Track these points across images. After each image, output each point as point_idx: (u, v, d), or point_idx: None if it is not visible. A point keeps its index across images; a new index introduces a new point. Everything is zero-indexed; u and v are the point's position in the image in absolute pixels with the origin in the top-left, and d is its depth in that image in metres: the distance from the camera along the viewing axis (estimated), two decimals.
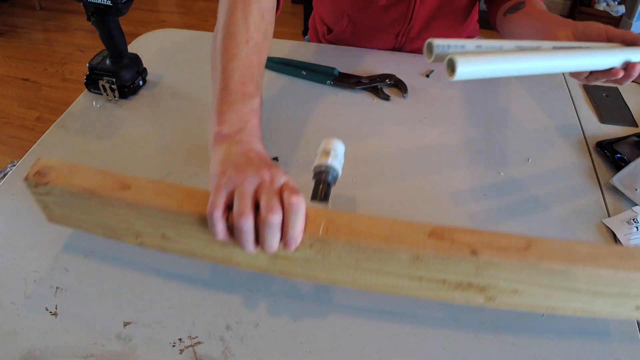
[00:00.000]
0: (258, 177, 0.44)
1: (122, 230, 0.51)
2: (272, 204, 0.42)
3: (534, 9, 0.79)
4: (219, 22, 0.60)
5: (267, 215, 0.41)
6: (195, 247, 0.49)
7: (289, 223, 0.43)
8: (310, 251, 0.46)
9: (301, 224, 0.44)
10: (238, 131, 0.50)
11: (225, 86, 0.54)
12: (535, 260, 0.42)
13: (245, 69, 0.55)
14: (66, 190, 0.48)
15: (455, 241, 0.44)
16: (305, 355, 0.50)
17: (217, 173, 0.46)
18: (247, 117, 0.52)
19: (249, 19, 0.58)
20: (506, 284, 0.45)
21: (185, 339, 0.51)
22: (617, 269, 0.42)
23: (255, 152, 0.48)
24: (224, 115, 0.52)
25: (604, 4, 2.54)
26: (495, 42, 0.56)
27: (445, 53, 0.53)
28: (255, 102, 0.54)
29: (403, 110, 0.82)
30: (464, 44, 0.55)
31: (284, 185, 0.44)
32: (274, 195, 0.43)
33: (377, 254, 0.44)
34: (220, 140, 0.50)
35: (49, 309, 0.53)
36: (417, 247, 0.43)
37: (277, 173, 0.45)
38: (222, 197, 0.43)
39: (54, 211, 0.53)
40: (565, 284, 0.44)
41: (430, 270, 0.45)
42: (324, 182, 0.54)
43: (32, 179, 0.49)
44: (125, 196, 0.47)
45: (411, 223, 0.45)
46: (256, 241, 0.44)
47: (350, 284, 0.49)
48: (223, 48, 0.57)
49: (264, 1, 0.61)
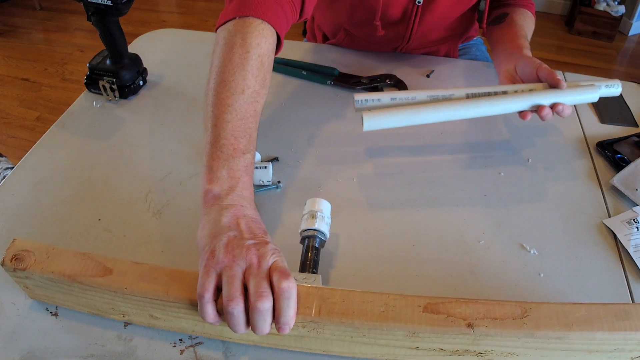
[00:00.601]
0: (246, 260, 0.43)
1: (107, 310, 0.50)
2: (260, 290, 0.41)
3: (510, 27, 0.84)
4: (213, 65, 0.56)
5: (257, 303, 0.40)
6: (184, 325, 0.49)
7: (281, 309, 0.41)
8: (304, 330, 0.45)
9: (293, 309, 0.42)
10: (229, 191, 0.49)
11: (217, 140, 0.51)
12: (532, 329, 0.43)
13: (239, 122, 0.53)
14: (45, 277, 0.47)
15: (451, 315, 0.44)
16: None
17: (207, 252, 0.44)
18: (238, 174, 0.51)
19: (247, 66, 0.54)
20: (503, 349, 0.45)
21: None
22: (613, 332, 0.42)
23: (245, 221, 0.47)
24: (214, 173, 0.50)
25: (604, 4, 2.54)
26: (409, 94, 0.66)
27: (363, 107, 0.66)
28: (247, 158, 0.52)
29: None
30: (380, 97, 0.66)
31: (273, 267, 0.43)
32: (262, 280, 0.42)
33: (372, 332, 0.44)
34: (210, 202, 0.49)
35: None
36: (412, 323, 0.43)
37: (265, 253, 0.44)
38: (211, 279, 0.42)
39: (34, 290, 0.51)
40: (562, 346, 0.44)
41: (427, 342, 0.45)
42: (312, 249, 0.55)
43: (9, 264, 0.47)
44: (108, 282, 0.46)
45: (405, 296, 0.45)
46: (247, 323, 0.43)
47: (345, 354, 0.49)
48: (216, 97, 0.54)
49: (264, 45, 0.57)
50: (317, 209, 0.57)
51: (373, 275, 0.58)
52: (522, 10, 0.88)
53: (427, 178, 0.70)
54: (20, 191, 0.66)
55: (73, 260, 0.48)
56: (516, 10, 0.88)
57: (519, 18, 0.86)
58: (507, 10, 0.89)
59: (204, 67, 0.59)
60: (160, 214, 0.64)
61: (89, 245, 0.60)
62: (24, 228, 0.62)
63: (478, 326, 0.43)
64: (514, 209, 0.66)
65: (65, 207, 0.64)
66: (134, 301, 0.47)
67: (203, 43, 0.99)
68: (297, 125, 0.78)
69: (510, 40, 0.81)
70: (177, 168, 0.71)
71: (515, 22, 0.85)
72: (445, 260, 0.60)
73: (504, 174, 0.71)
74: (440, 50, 0.98)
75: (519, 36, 0.82)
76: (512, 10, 0.88)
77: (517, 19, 0.86)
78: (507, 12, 0.87)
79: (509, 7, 0.90)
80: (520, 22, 0.85)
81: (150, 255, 0.59)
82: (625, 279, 0.58)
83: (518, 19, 0.86)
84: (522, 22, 0.85)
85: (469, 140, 0.76)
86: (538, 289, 0.57)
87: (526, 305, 0.44)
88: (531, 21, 0.89)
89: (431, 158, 0.74)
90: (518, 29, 0.83)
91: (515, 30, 0.84)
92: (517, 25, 0.84)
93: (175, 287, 0.46)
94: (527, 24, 0.86)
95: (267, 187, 0.67)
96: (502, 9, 0.89)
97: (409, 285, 0.57)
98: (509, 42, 0.81)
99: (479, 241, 0.62)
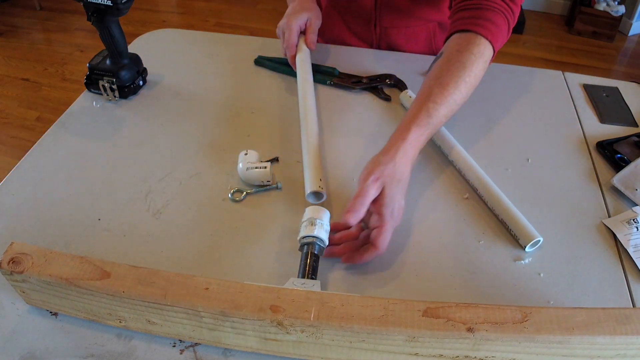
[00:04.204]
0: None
1: (104, 315, 0.50)
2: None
3: (428, 78, 0.68)
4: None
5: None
6: (182, 330, 0.49)
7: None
8: (302, 335, 0.45)
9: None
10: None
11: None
12: (532, 333, 0.42)
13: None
14: (43, 280, 0.47)
15: (451, 319, 0.43)
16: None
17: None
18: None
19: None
20: (503, 354, 0.45)
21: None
22: (614, 335, 0.42)
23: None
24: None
25: (604, 4, 2.54)
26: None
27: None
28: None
29: (403, 110, 0.82)
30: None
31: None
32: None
33: (372, 336, 0.44)
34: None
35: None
36: (412, 328, 0.43)
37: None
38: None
39: (31, 295, 0.51)
40: (563, 351, 0.44)
41: (427, 347, 0.45)
42: (311, 256, 0.55)
43: (6, 267, 0.47)
44: (105, 286, 0.46)
45: (404, 300, 0.45)
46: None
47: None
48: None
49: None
50: (317, 217, 0.57)
51: (373, 276, 0.58)
52: (469, 39, 0.67)
53: (426, 178, 0.70)
54: (20, 191, 0.67)
55: (71, 263, 0.48)
56: (464, 39, 0.68)
57: (442, 66, 0.67)
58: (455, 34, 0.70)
59: (204, 67, 0.59)
60: (160, 214, 0.64)
61: (88, 245, 0.60)
62: (23, 228, 0.62)
63: (478, 330, 0.43)
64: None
65: (65, 207, 0.65)
66: (132, 305, 0.47)
67: (203, 43, 0.99)
68: (297, 125, 0.78)
69: (415, 102, 0.66)
70: (177, 168, 0.71)
71: (435, 69, 0.67)
72: (445, 260, 0.60)
73: (510, 170, 0.71)
74: (420, 32, 0.98)
75: (414, 110, 0.64)
76: (458, 39, 0.69)
77: (440, 66, 0.67)
78: (442, 52, 0.69)
79: (461, 23, 0.69)
80: (440, 73, 0.66)
81: (150, 255, 0.59)
82: (625, 279, 0.58)
83: (441, 67, 0.67)
84: (445, 71, 0.66)
85: (469, 140, 0.76)
86: (538, 289, 0.57)
87: (527, 309, 0.44)
88: (476, 60, 0.66)
89: (431, 158, 0.74)
90: (426, 89, 0.66)
91: (432, 75, 0.67)
92: (430, 81, 0.66)
93: (173, 291, 0.46)
94: (458, 69, 0.65)
95: (267, 187, 0.68)
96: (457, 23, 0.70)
97: (409, 285, 0.57)
98: (411, 106, 0.66)
99: (479, 241, 0.62)
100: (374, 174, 0.59)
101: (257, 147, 0.73)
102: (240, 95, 0.85)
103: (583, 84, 0.90)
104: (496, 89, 0.88)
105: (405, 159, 0.61)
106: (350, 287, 0.57)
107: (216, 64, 0.93)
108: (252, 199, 0.67)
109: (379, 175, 0.59)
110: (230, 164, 0.70)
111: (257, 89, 0.87)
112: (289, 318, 0.44)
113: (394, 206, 0.59)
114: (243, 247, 0.60)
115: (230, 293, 0.46)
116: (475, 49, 0.67)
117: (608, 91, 0.88)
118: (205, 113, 0.81)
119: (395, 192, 0.59)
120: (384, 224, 0.58)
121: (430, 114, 0.63)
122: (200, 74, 0.90)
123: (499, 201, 0.64)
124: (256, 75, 0.91)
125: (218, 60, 0.94)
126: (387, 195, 0.58)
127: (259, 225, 0.63)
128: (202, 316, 0.45)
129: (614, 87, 0.89)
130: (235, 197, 0.66)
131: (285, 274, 0.57)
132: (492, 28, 0.68)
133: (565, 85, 0.90)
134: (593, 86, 0.89)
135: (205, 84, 0.88)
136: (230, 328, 0.46)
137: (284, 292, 0.46)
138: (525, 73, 0.92)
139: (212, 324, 0.46)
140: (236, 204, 0.66)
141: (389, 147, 0.62)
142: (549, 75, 0.92)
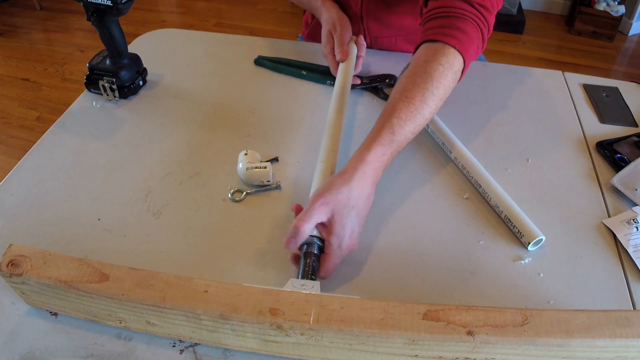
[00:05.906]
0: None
1: (104, 316, 0.50)
2: None
3: (394, 91, 0.64)
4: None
5: None
6: (182, 331, 0.49)
7: None
8: (302, 337, 0.45)
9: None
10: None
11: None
12: (532, 336, 0.42)
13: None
14: (42, 282, 0.47)
15: (451, 322, 0.43)
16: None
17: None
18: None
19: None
20: (503, 357, 0.45)
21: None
22: (614, 338, 0.42)
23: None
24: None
25: (604, 4, 2.54)
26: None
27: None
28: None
29: None
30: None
31: None
32: None
33: (371, 339, 0.44)
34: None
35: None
36: (412, 331, 0.43)
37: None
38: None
39: (31, 296, 0.51)
40: (563, 354, 0.44)
41: (426, 349, 0.45)
42: (312, 256, 0.55)
43: (5, 269, 0.47)
44: (104, 288, 0.46)
45: (404, 303, 0.45)
46: None
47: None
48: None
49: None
50: None
51: (373, 276, 0.58)
52: (437, 49, 0.64)
53: (426, 178, 0.70)
54: (20, 191, 0.67)
55: (70, 265, 0.48)
56: (431, 49, 0.64)
57: (408, 78, 0.63)
58: (423, 45, 0.67)
59: (204, 67, 0.59)
60: (160, 214, 0.64)
61: (88, 245, 0.60)
62: (23, 228, 0.62)
63: (478, 334, 0.43)
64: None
65: (65, 207, 0.65)
66: (131, 307, 0.47)
67: (203, 43, 0.99)
68: (297, 125, 0.78)
69: (380, 117, 0.62)
70: (177, 168, 0.71)
71: (401, 83, 0.63)
72: (445, 260, 0.60)
73: (510, 170, 0.71)
74: (410, 41, 0.96)
75: (377, 127, 0.61)
76: (426, 50, 0.65)
77: (406, 79, 0.63)
78: (408, 63, 0.66)
79: (430, 33, 0.66)
80: (406, 86, 0.62)
81: (149, 255, 0.59)
82: (624, 279, 0.58)
83: (407, 78, 0.63)
84: (410, 84, 0.62)
85: (469, 139, 0.76)
86: (537, 289, 0.57)
87: (527, 312, 0.44)
88: (444, 71, 0.62)
89: (430, 158, 0.74)
90: (390, 104, 0.62)
91: (397, 89, 0.63)
92: (395, 95, 0.62)
93: (173, 293, 0.46)
94: (425, 81, 0.61)
95: (267, 187, 0.68)
96: (426, 33, 0.67)
97: (409, 285, 0.57)
98: (376, 123, 0.62)
99: (479, 241, 0.62)
100: (323, 197, 0.54)
101: (257, 147, 0.73)
102: (240, 95, 0.85)
103: (583, 84, 0.90)
104: (496, 88, 0.88)
105: (363, 181, 0.57)
106: (350, 286, 0.57)
107: (216, 64, 0.93)
108: (252, 199, 0.67)
109: (329, 200, 0.54)
110: (230, 164, 0.71)
111: (257, 89, 0.87)
112: (288, 321, 0.44)
113: (344, 235, 0.55)
114: (243, 247, 0.60)
115: (229, 296, 0.45)
116: (444, 59, 0.63)
117: (608, 91, 0.88)
118: (205, 113, 0.81)
119: (346, 221, 0.54)
120: (329, 253, 0.55)
121: (394, 131, 0.59)
122: (200, 74, 0.90)
123: (502, 199, 0.64)
124: (256, 75, 0.91)
125: (218, 60, 0.94)
126: (336, 223, 0.54)
127: (259, 225, 0.63)
128: (202, 319, 0.45)
129: (614, 87, 0.89)
130: (235, 197, 0.66)
131: (285, 274, 0.57)
132: (462, 37, 0.64)
133: (565, 85, 0.90)
134: (593, 86, 0.89)
135: (205, 83, 0.88)
136: (230, 330, 0.46)
137: (283, 295, 0.46)
138: (525, 73, 0.92)
139: (211, 326, 0.46)
140: (236, 204, 0.66)
141: (346, 169, 0.57)
142: (549, 75, 0.92)
